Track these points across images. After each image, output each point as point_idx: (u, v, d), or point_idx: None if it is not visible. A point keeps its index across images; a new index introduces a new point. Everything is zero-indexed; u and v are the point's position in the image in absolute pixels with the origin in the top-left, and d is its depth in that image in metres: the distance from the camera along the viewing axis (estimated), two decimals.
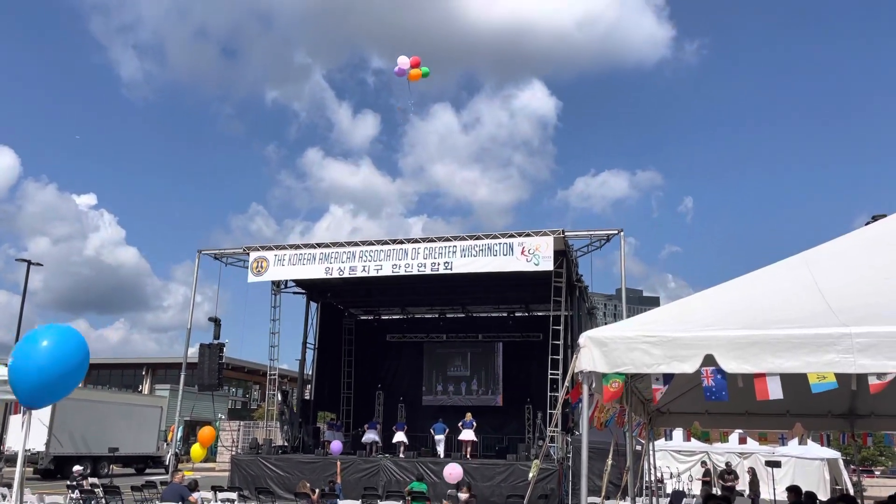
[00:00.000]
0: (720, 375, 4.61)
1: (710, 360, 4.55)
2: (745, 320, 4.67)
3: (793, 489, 10.27)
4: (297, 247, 23.13)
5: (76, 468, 19.87)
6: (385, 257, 22.03)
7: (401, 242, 22.18)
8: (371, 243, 22.37)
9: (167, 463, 26.85)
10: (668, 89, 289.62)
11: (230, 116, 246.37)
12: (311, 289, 26.87)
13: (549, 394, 21.22)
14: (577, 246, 22.18)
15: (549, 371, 21.09)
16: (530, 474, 7.63)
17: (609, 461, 8.39)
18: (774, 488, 19.01)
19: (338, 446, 22.61)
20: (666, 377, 4.77)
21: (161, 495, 12.80)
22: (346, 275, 22.35)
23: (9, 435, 24.84)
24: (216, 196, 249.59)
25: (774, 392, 4.46)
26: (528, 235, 20.95)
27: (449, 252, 21.58)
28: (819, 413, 8.67)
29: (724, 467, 22.45)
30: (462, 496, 13.11)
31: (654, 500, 11.92)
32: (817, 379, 4.29)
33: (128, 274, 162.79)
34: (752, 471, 22.58)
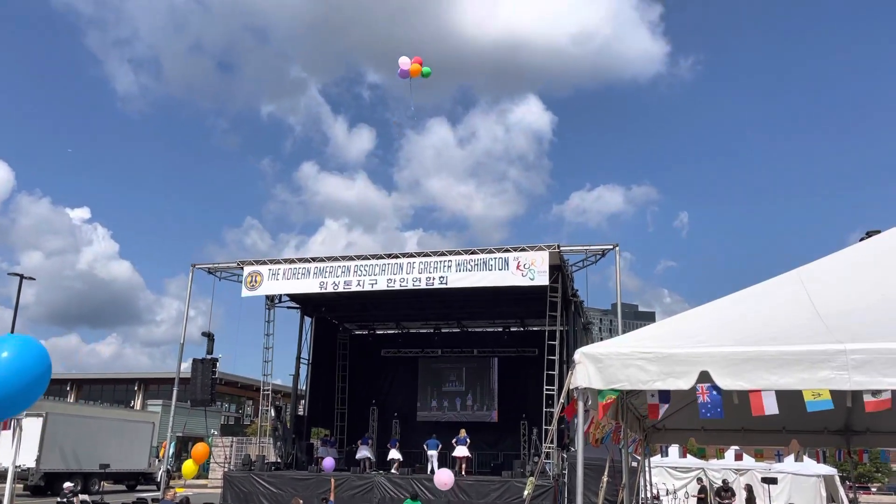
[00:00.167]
0: (715, 392, 4.60)
1: (705, 377, 4.53)
2: (739, 336, 4.67)
3: None
4: (292, 261, 23.06)
5: (67, 485, 19.68)
6: (380, 272, 21.98)
7: (396, 257, 22.15)
8: (366, 257, 22.33)
9: (159, 480, 26.59)
10: (663, 104, 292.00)
11: (225, 130, 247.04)
12: (306, 303, 26.78)
13: (544, 409, 21.11)
14: (572, 261, 22.19)
15: (545, 387, 21.01)
16: (525, 491, 7.57)
17: (605, 478, 8.35)
18: None
19: (330, 463, 22.41)
20: (662, 394, 4.75)
21: None
22: (341, 289, 22.29)
23: None
24: (211, 210, 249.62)
25: (770, 407, 4.45)
26: (523, 250, 20.95)
27: (444, 266, 21.55)
28: (815, 429, 8.66)
29: (721, 484, 22.33)
30: None
31: None
32: (812, 397, 4.28)
33: (121, 288, 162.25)
34: (749, 487, 22.47)
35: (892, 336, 4.26)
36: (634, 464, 11.17)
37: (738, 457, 13.69)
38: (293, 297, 25.95)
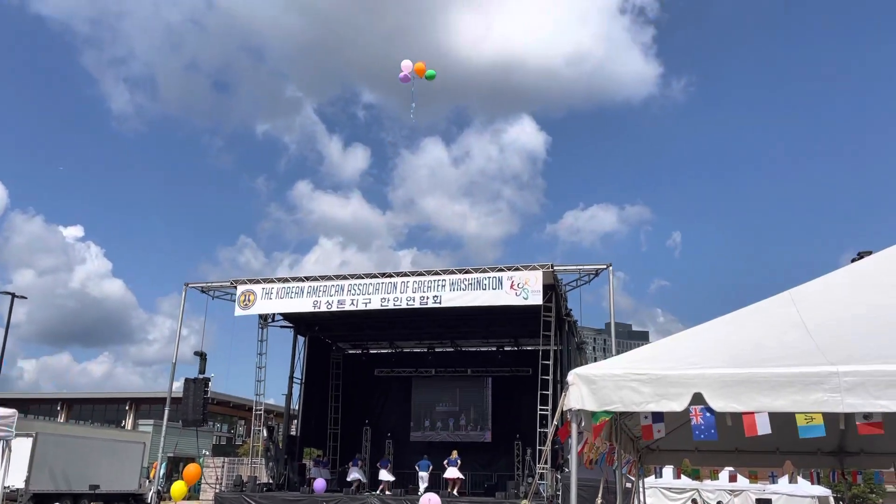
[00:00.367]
0: (709, 414, 4.60)
1: (698, 399, 4.54)
2: (732, 358, 4.68)
3: None
4: (286, 280, 23.02)
5: None
6: (374, 291, 21.95)
7: (390, 276, 22.13)
8: (360, 276, 22.30)
9: (149, 501, 26.26)
10: (655, 125, 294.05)
11: (220, 149, 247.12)
12: (299, 322, 26.68)
13: (538, 430, 21.02)
14: (566, 280, 22.23)
15: (539, 407, 20.93)
16: None
17: (599, 500, 8.28)
18: None
19: (321, 484, 22.21)
20: (656, 416, 4.75)
21: None
22: (335, 308, 22.23)
23: None
24: (205, 228, 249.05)
25: (763, 426, 4.45)
26: (517, 269, 20.98)
27: (438, 286, 21.54)
28: (809, 450, 8.63)
29: None
30: None
31: None
32: (805, 422, 4.28)
33: (113, 306, 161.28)
34: None
35: (885, 358, 4.28)
36: (629, 485, 11.10)
37: (733, 478, 13.62)
38: (286, 317, 25.87)
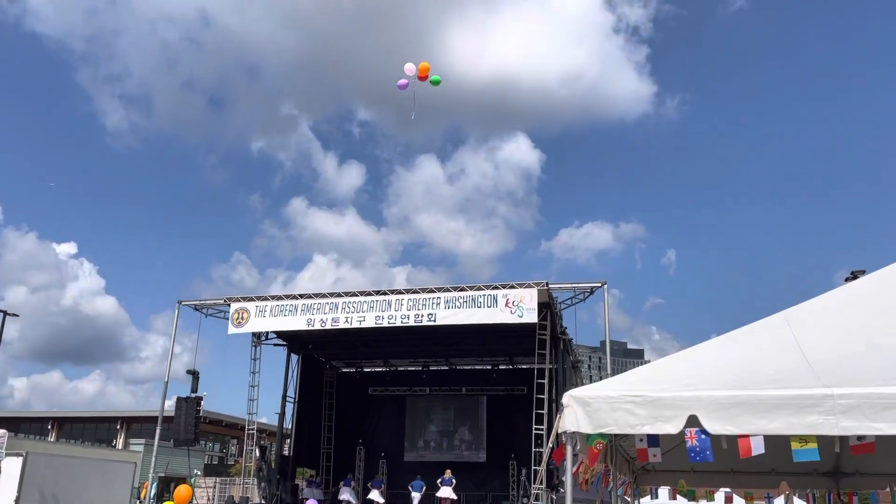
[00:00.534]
0: (704, 436, 4.58)
1: (693, 421, 4.52)
2: (727, 380, 4.66)
3: None
4: (279, 297, 22.94)
5: None
6: (368, 308, 21.89)
7: (384, 294, 22.09)
8: (354, 294, 22.24)
9: None
10: (650, 143, 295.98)
11: (215, 166, 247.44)
12: (292, 340, 26.55)
13: (533, 449, 20.90)
14: (561, 298, 22.22)
15: (534, 426, 20.82)
16: None
17: None
18: None
19: None
20: (651, 439, 4.72)
21: None
22: (329, 326, 22.15)
23: None
24: (199, 245, 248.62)
25: (757, 447, 4.44)
26: (512, 287, 20.95)
27: (433, 304, 21.50)
28: (804, 471, 8.59)
29: None
30: None
31: None
32: (799, 445, 4.27)
33: (106, 324, 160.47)
34: None
35: (879, 380, 4.28)
36: None
37: (729, 499, 13.53)
38: (280, 335, 25.75)
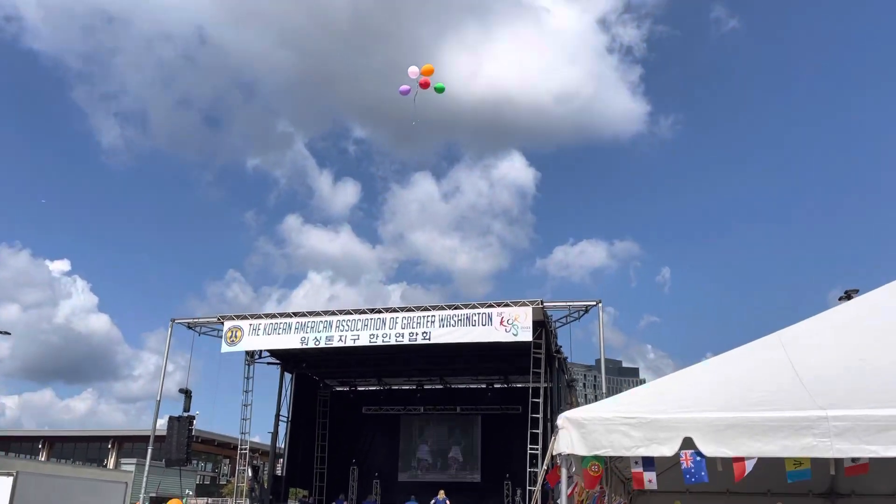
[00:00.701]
0: (699, 458, 4.57)
1: (688, 443, 4.50)
2: (722, 402, 4.66)
3: None
4: (273, 316, 22.84)
5: None
6: (362, 327, 21.81)
7: (378, 312, 22.02)
8: (348, 312, 22.17)
9: None
10: (644, 162, 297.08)
11: (210, 183, 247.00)
12: (286, 359, 26.41)
13: (528, 469, 20.76)
14: (555, 316, 22.18)
15: (529, 445, 20.70)
16: None
17: None
18: None
19: None
20: (646, 462, 4.70)
21: None
22: (323, 345, 22.03)
23: None
24: (192, 263, 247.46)
25: (749, 466, 4.43)
26: (506, 305, 20.93)
27: (427, 322, 21.43)
28: (800, 492, 8.54)
29: None
30: None
31: None
32: (794, 466, 4.26)
33: (98, 342, 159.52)
34: None
35: (873, 402, 4.27)
36: None
37: None
38: (273, 353, 25.61)
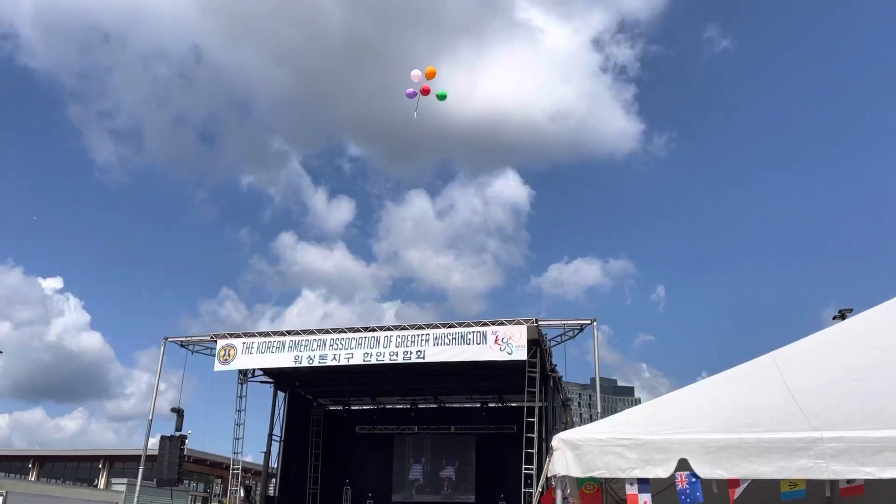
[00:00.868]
0: (694, 479, 4.55)
1: (683, 465, 4.49)
2: (717, 423, 4.65)
3: None
4: (267, 334, 22.73)
5: None
6: (356, 345, 21.72)
7: (373, 330, 21.94)
8: (342, 331, 22.08)
9: None
10: (638, 180, 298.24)
11: (204, 201, 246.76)
12: (279, 377, 26.25)
13: (523, 489, 20.61)
14: (550, 335, 22.13)
15: (524, 466, 20.57)
16: None
17: None
18: None
19: None
20: (642, 483, 4.67)
21: None
22: (316, 363, 21.92)
23: None
24: (186, 281, 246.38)
25: (741, 487, 4.42)
26: (501, 324, 20.87)
27: (421, 340, 21.37)
28: None
29: None
30: None
31: None
32: (788, 487, 4.24)
33: (90, 360, 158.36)
34: None
35: (868, 423, 4.27)
36: None
37: None
38: (266, 372, 25.47)
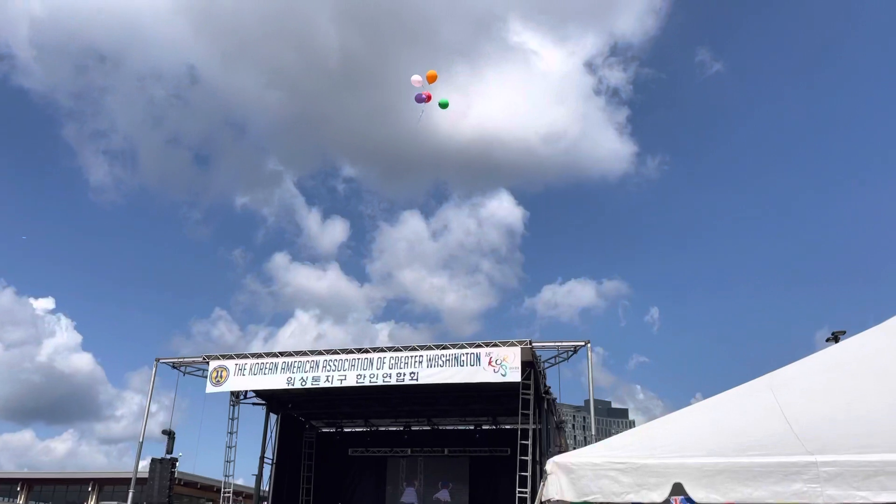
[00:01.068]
0: (689, 503, 4.54)
1: (678, 489, 4.46)
2: (712, 447, 4.64)
3: None
4: (259, 355, 22.58)
5: None
6: (349, 367, 21.60)
7: (366, 352, 21.84)
8: (335, 352, 21.97)
9: None
10: (631, 202, 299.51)
11: (198, 221, 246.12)
12: (271, 399, 26.05)
13: None
14: (544, 357, 22.06)
15: (517, 489, 20.40)
16: None
17: None
18: None
19: None
20: None
21: None
22: (309, 385, 21.77)
23: None
24: (179, 301, 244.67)
25: None
26: (495, 346, 20.81)
27: (415, 362, 21.27)
28: None
29: None
30: None
31: None
32: None
33: (81, 381, 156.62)
34: None
35: (862, 447, 4.26)
36: None
37: None
38: (259, 394, 25.27)
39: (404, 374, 21.12)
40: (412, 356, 21.32)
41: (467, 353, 20.86)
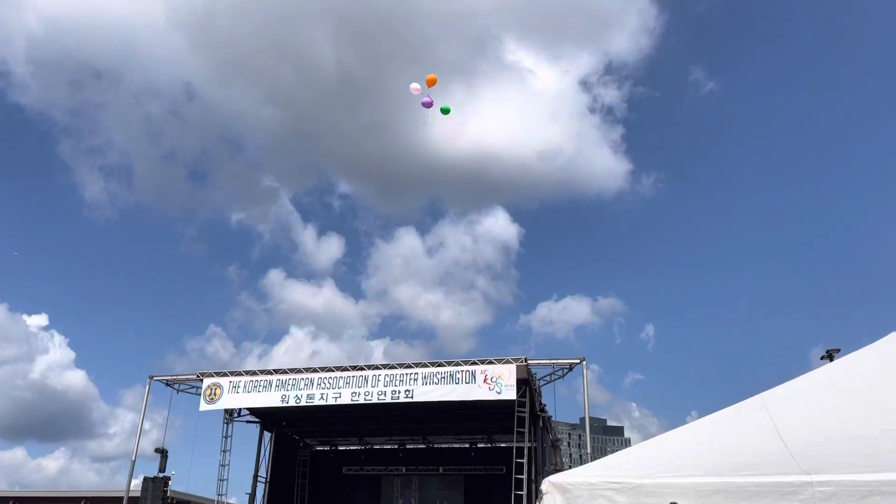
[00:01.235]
0: None
1: None
2: (708, 466, 4.63)
3: None
4: (253, 373, 22.47)
5: None
6: (344, 384, 21.50)
7: (361, 369, 21.75)
8: (330, 370, 21.87)
9: None
10: (626, 219, 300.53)
11: (193, 237, 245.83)
12: (266, 417, 25.88)
13: None
14: (540, 374, 21.99)
15: None
16: None
17: None
18: None
19: None
20: None
21: None
22: (304, 403, 21.64)
23: None
24: (173, 318, 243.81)
25: None
26: (490, 363, 20.76)
27: (410, 379, 21.18)
28: None
29: None
30: None
31: None
32: None
33: (74, 399, 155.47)
34: None
35: (856, 467, 4.26)
36: None
37: None
38: (253, 411, 25.10)
39: (399, 392, 21.01)
40: (407, 374, 21.24)
41: (462, 371, 20.79)
